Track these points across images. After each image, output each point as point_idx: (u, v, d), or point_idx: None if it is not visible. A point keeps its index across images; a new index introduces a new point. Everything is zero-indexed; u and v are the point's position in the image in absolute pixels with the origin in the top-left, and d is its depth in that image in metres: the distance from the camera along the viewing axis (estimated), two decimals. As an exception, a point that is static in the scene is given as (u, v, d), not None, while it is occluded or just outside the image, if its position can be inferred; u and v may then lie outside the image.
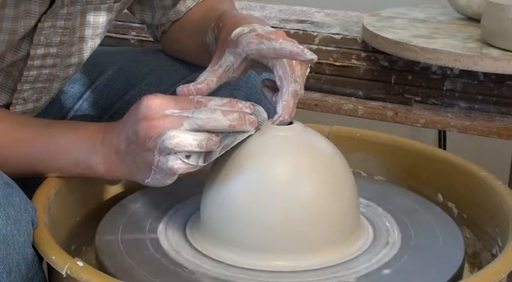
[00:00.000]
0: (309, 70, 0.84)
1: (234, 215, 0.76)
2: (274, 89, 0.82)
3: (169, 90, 1.02)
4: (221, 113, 0.75)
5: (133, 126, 0.76)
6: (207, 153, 0.75)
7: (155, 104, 0.75)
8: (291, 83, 0.79)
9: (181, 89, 0.79)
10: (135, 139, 0.76)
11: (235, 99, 0.77)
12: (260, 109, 0.79)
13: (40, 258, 0.75)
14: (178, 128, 0.74)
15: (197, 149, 0.74)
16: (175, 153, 0.74)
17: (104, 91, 1.06)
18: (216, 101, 0.76)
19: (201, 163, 0.75)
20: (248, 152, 0.78)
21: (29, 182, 0.85)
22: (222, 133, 0.76)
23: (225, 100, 0.76)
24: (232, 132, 0.76)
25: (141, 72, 1.06)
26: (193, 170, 0.76)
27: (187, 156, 0.75)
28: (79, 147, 0.82)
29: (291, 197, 0.75)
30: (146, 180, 0.78)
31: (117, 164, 0.80)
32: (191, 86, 0.79)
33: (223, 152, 0.76)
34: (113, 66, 1.08)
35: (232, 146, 0.76)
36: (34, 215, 0.75)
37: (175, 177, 0.77)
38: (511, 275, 0.73)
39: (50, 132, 0.83)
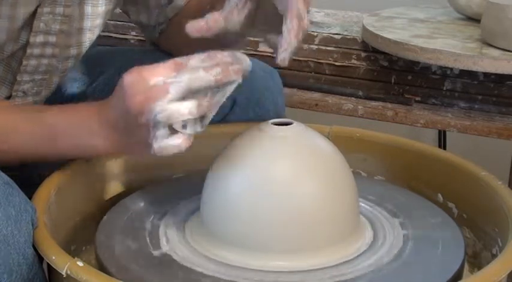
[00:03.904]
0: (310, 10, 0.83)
1: (234, 215, 0.76)
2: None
3: None
4: (203, 70, 0.73)
5: (122, 106, 0.76)
6: (201, 118, 0.75)
7: (136, 79, 0.75)
8: (294, 6, 0.77)
9: (191, 26, 0.78)
10: (129, 117, 0.76)
11: (214, 51, 0.75)
12: (242, 56, 0.77)
13: (40, 258, 0.75)
14: (166, 96, 0.73)
15: (190, 117, 0.73)
16: (170, 125, 0.74)
17: (104, 90, 1.05)
18: (195, 59, 0.75)
19: (198, 129, 0.75)
20: (248, 152, 0.78)
21: (29, 182, 0.85)
22: (211, 91, 0.75)
23: (204, 55, 0.75)
24: (220, 86, 0.75)
25: None
26: (192, 137, 0.75)
27: (184, 126, 0.74)
28: (76, 131, 0.81)
29: (291, 197, 0.75)
30: (151, 153, 0.77)
31: (117, 142, 0.80)
32: (202, 23, 0.78)
33: (217, 109, 0.75)
34: (113, 66, 1.08)
35: (224, 100, 0.75)
36: (34, 215, 0.75)
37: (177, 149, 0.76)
38: (511, 275, 0.73)
39: (43, 119, 0.82)
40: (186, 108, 0.73)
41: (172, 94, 0.73)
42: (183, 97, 0.73)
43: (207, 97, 0.74)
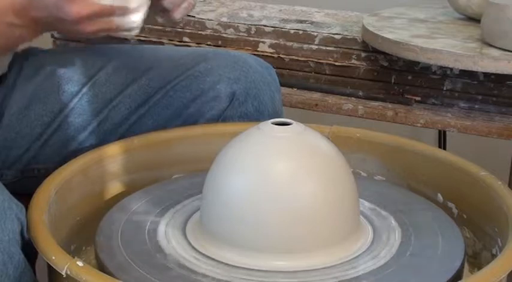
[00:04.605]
0: None
1: (234, 215, 0.76)
2: None
3: (171, 84, 1.04)
4: None
5: (63, 16, 0.81)
6: None
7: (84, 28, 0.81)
8: None
9: None
10: (66, 23, 0.81)
11: None
12: None
13: (28, 257, 0.75)
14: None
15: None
16: None
17: (104, 85, 1.06)
18: None
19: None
20: (248, 152, 0.78)
21: (27, 176, 0.85)
22: None
23: None
24: None
25: (141, 68, 1.07)
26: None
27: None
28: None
29: (291, 197, 0.75)
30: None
31: (45, 30, 0.86)
32: None
33: None
34: (113, 62, 1.08)
35: None
36: (20, 213, 0.74)
37: None
38: (511, 275, 0.73)
39: None
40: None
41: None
42: None
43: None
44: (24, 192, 0.90)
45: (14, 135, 1.01)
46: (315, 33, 1.41)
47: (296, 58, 1.41)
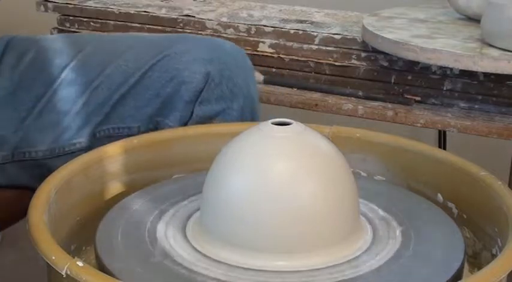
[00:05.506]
0: None
1: (233, 215, 0.76)
2: None
3: (148, 64, 1.07)
4: None
5: None
6: None
7: None
8: None
9: None
10: None
11: None
12: None
13: None
14: None
15: None
16: None
17: (83, 67, 1.08)
18: None
19: None
20: (248, 152, 0.78)
21: (20, 160, 0.85)
22: None
23: None
24: None
25: (120, 49, 1.10)
26: None
27: None
28: None
29: (291, 197, 0.75)
30: None
31: None
32: None
33: None
34: (91, 44, 1.12)
35: None
36: None
37: None
38: (511, 275, 0.73)
39: None
40: None
41: None
42: None
43: None
44: (21, 184, 0.92)
45: None
46: (315, 33, 1.41)
47: (296, 58, 1.41)
